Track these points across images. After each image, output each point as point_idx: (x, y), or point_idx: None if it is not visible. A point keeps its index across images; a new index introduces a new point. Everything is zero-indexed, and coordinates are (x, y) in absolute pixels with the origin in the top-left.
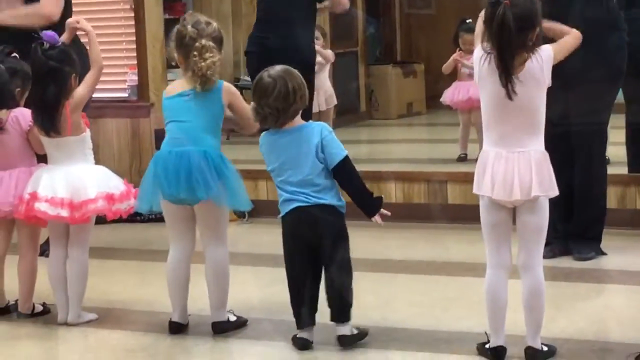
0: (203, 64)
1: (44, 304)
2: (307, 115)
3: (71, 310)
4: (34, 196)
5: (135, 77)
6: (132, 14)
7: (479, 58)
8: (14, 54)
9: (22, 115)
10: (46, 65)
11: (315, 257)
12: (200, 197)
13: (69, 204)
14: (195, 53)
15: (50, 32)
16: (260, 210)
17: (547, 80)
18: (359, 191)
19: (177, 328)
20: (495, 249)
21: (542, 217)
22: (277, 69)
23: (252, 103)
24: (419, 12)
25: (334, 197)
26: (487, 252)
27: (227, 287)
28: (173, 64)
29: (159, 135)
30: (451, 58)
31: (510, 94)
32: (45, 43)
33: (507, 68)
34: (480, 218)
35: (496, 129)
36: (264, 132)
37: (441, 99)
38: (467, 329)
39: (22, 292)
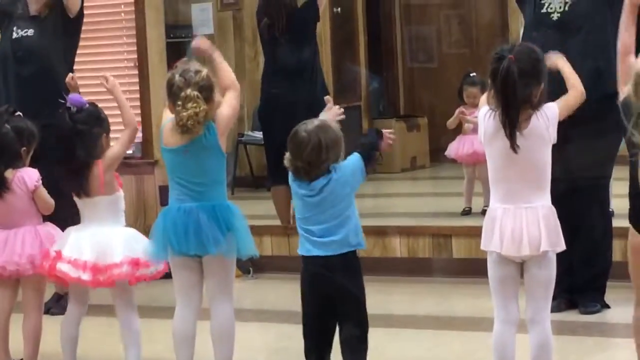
0: (184, 114)
1: None
2: None
3: None
4: (58, 255)
5: (140, 134)
6: (136, 72)
7: (483, 115)
8: (18, 113)
9: (28, 175)
10: (74, 129)
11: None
12: (210, 252)
13: (92, 267)
14: (179, 103)
15: (76, 96)
16: (265, 266)
17: (552, 138)
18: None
19: None
20: (503, 304)
21: (550, 271)
22: (314, 123)
23: (287, 154)
24: (421, 66)
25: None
26: (495, 307)
27: (233, 343)
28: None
29: (164, 192)
30: (456, 113)
31: (514, 147)
32: (72, 107)
33: (512, 121)
34: (488, 273)
35: (503, 185)
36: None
37: (446, 153)
38: None
39: (27, 351)
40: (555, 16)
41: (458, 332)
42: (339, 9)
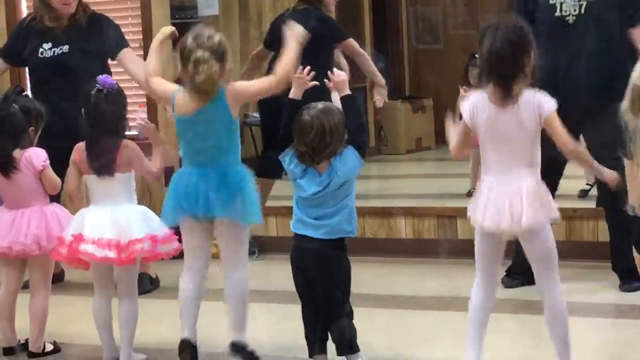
0: (198, 77)
1: (54, 343)
2: None
3: (122, 352)
4: (79, 238)
5: (145, 115)
6: (142, 52)
7: (469, 104)
8: (25, 93)
9: (36, 154)
10: (108, 111)
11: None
12: (217, 214)
13: (116, 245)
14: (190, 66)
15: (108, 79)
16: (270, 247)
17: (537, 129)
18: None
19: (187, 346)
20: (483, 278)
21: (544, 244)
22: (317, 107)
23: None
24: (427, 47)
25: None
26: (476, 279)
27: (247, 308)
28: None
29: (168, 173)
30: (462, 94)
31: (506, 118)
32: (103, 89)
33: (507, 90)
34: (475, 246)
35: (490, 159)
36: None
37: None
38: None
39: (33, 331)
40: (570, 19)
41: (463, 313)
42: None
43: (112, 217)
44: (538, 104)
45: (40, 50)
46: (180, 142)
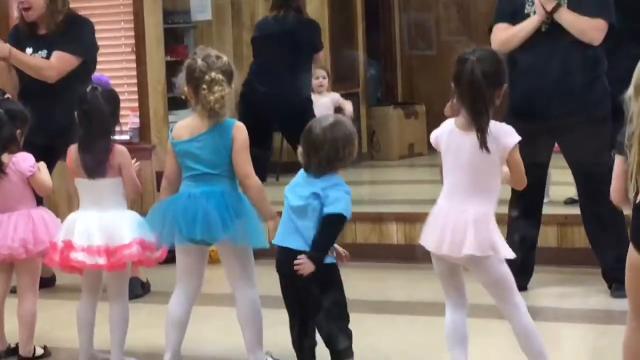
0: (212, 97)
1: (44, 347)
2: None
3: (113, 356)
4: (69, 245)
5: (137, 120)
6: (134, 57)
7: (435, 132)
8: (8, 96)
9: (24, 159)
10: (103, 110)
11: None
12: (217, 236)
13: (105, 251)
14: (204, 86)
15: (103, 77)
16: (260, 253)
17: (501, 160)
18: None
19: None
20: (446, 292)
21: (489, 274)
22: (329, 120)
23: (299, 147)
24: (420, 53)
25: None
26: (444, 295)
27: (260, 327)
28: (182, 97)
29: (160, 178)
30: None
31: (485, 146)
32: (98, 87)
33: (480, 120)
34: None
35: (447, 183)
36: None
37: None
38: None
39: (22, 335)
40: (543, 28)
41: None
42: None
43: (101, 223)
44: (502, 135)
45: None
46: (180, 165)
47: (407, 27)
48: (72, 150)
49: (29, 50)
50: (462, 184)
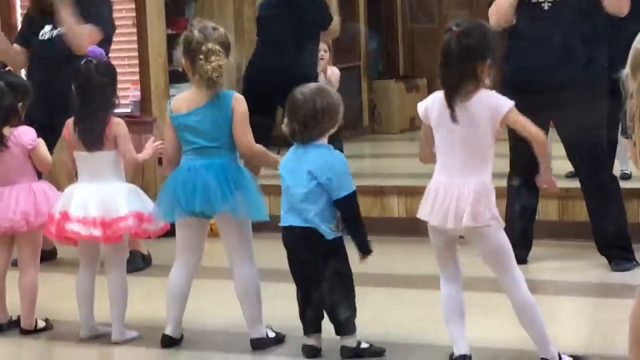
0: (209, 66)
1: (46, 320)
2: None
3: (114, 328)
4: (65, 216)
5: (138, 93)
6: (135, 30)
7: (423, 104)
8: (8, 68)
9: (25, 133)
10: (98, 82)
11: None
12: (216, 208)
13: (101, 223)
14: (201, 57)
15: (97, 50)
16: (261, 226)
17: (495, 128)
18: (356, 229)
19: (170, 342)
20: (441, 265)
21: (490, 244)
22: (311, 86)
23: (284, 118)
24: (421, 27)
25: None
26: (439, 269)
27: (259, 301)
28: (180, 69)
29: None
30: None
31: (453, 116)
32: (93, 59)
33: (449, 93)
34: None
35: (441, 158)
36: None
37: None
38: (471, 343)
39: (24, 308)
40: (546, 6)
41: None
42: None
43: (98, 195)
44: (493, 103)
45: (41, 32)
46: (179, 140)
47: (409, 0)
48: (70, 123)
49: (47, 27)
50: (458, 158)
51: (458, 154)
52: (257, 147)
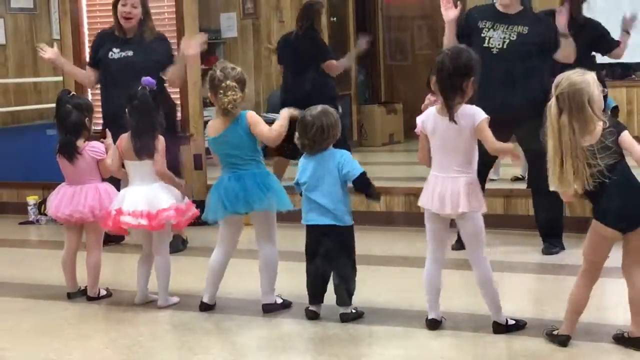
0: (225, 99)
1: (107, 289)
2: (344, 142)
3: (160, 296)
4: (119, 211)
5: (179, 114)
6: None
7: (421, 118)
8: (73, 93)
9: (97, 146)
10: (153, 106)
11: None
12: (255, 208)
13: (147, 215)
14: (220, 91)
15: (149, 79)
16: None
17: (472, 136)
18: (370, 190)
19: (206, 307)
20: (433, 248)
21: (475, 225)
22: (318, 109)
23: (296, 133)
24: (398, 63)
25: (345, 214)
26: (428, 249)
27: (275, 275)
28: (207, 101)
29: (197, 159)
30: (426, 100)
31: (453, 118)
32: (147, 87)
33: (447, 101)
34: (425, 224)
35: (437, 160)
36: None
37: (415, 130)
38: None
39: (89, 280)
40: (495, 51)
41: (421, 269)
42: (335, 19)
43: (144, 194)
44: (472, 114)
45: (110, 53)
46: (217, 157)
47: (389, 43)
48: (124, 138)
49: (115, 50)
50: (451, 158)
51: (449, 154)
52: (274, 131)
